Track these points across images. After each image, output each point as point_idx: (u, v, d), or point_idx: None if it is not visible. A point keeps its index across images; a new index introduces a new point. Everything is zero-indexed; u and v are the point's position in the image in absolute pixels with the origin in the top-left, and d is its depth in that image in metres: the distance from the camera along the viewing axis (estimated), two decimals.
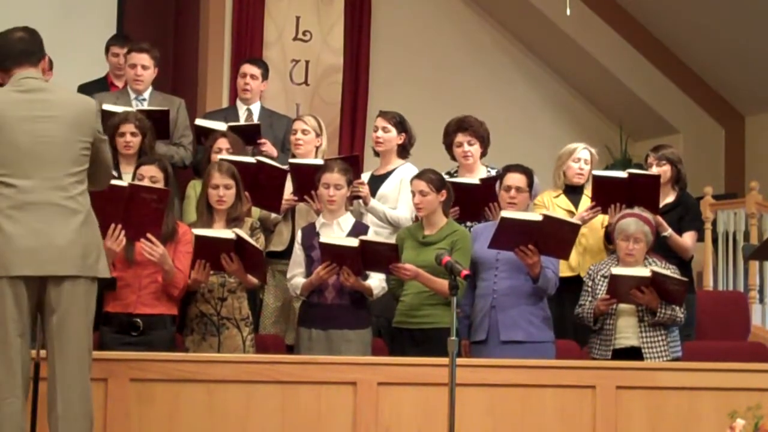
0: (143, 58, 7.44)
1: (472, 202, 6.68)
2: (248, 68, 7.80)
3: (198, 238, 5.88)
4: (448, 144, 7.05)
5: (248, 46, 9.74)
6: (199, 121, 7.42)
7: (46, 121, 4.63)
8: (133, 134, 6.55)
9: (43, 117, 4.63)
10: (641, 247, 6.30)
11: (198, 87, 9.80)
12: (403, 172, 6.89)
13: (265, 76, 7.83)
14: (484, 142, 7.02)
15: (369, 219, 6.86)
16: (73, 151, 4.66)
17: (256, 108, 7.76)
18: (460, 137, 6.98)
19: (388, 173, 7.03)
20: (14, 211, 4.53)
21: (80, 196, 4.67)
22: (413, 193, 6.38)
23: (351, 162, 6.79)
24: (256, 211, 6.71)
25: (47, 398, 4.62)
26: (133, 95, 7.42)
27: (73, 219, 4.62)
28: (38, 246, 4.53)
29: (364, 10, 10.31)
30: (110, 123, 6.56)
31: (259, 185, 6.55)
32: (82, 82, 8.02)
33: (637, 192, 6.67)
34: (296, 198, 6.80)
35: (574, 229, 6.19)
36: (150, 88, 7.50)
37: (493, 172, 6.90)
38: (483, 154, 7.06)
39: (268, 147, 7.28)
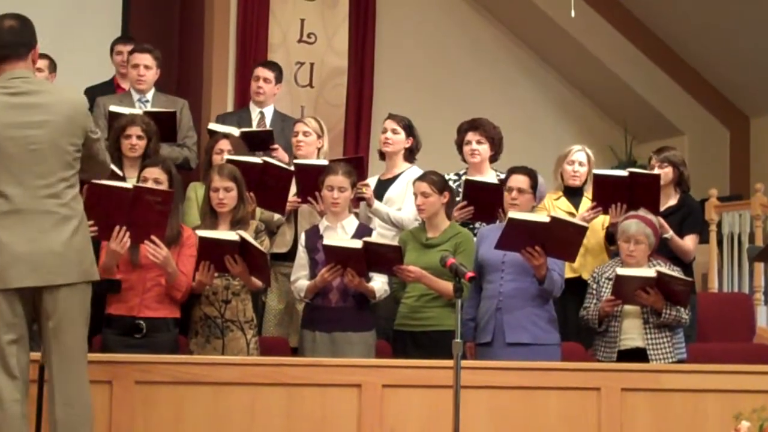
0: (145, 59, 7.45)
1: (488, 202, 6.66)
2: (261, 71, 7.82)
3: (202, 240, 5.87)
4: (459, 143, 7.06)
5: (253, 48, 9.75)
6: (212, 126, 7.41)
7: (35, 127, 4.51)
8: (139, 137, 6.55)
9: (33, 123, 4.51)
10: (642, 248, 6.30)
11: (203, 88, 9.81)
12: (410, 175, 6.88)
13: (278, 79, 7.85)
14: (495, 144, 7.02)
15: (374, 222, 6.86)
16: (64, 156, 4.56)
17: (269, 111, 7.77)
18: (470, 135, 7.00)
19: (395, 177, 7.04)
20: (7, 220, 4.45)
21: (73, 201, 4.59)
22: (415, 195, 6.39)
23: (355, 163, 6.80)
24: (258, 213, 6.71)
25: (47, 401, 4.60)
26: (136, 96, 7.43)
27: (67, 225, 4.54)
28: (35, 255, 4.47)
29: (368, 13, 10.30)
30: (117, 125, 6.58)
31: (265, 186, 6.55)
32: (87, 85, 8.02)
33: (638, 191, 6.66)
34: (299, 200, 6.80)
35: (581, 230, 6.18)
36: (153, 90, 7.51)
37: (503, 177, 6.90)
38: (493, 158, 7.06)
39: (280, 153, 7.27)
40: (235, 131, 7.09)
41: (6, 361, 4.48)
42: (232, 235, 5.89)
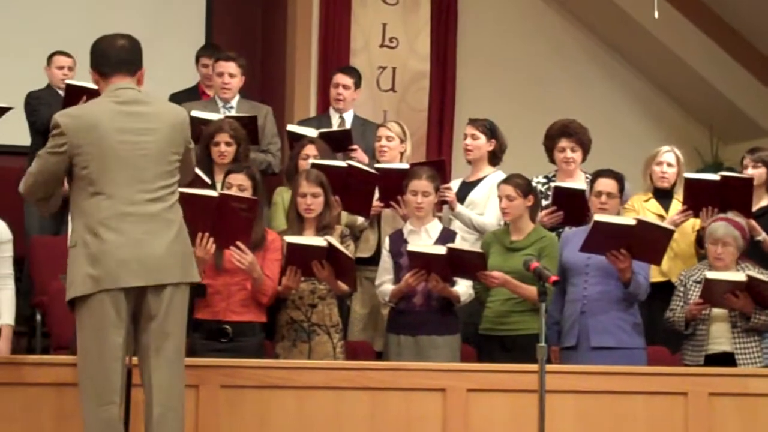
0: (230, 67, 7.51)
1: (576, 207, 6.60)
2: (340, 78, 7.83)
3: (290, 245, 5.91)
4: (550, 147, 7.00)
5: (335, 54, 9.78)
6: (290, 127, 7.48)
7: (144, 133, 4.67)
8: (227, 144, 6.62)
9: (142, 129, 4.67)
10: (730, 251, 6.23)
11: (286, 95, 9.87)
12: (494, 179, 6.84)
13: (357, 84, 7.86)
14: (586, 148, 6.96)
15: (456, 225, 6.85)
16: (167, 165, 4.72)
17: (348, 116, 7.79)
18: (563, 142, 6.92)
19: (479, 180, 7.01)
20: (115, 222, 4.58)
21: (174, 206, 4.74)
22: (500, 198, 6.36)
23: (437, 166, 6.79)
24: (344, 217, 6.73)
25: (144, 403, 4.68)
26: (221, 104, 7.49)
27: (171, 229, 4.68)
28: (141, 256, 4.59)
29: (450, 16, 10.28)
30: (205, 132, 6.64)
31: (350, 190, 6.55)
32: (173, 92, 8.11)
33: (730, 195, 6.57)
34: (383, 204, 6.81)
35: (668, 234, 6.12)
36: (237, 96, 7.57)
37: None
38: (583, 160, 7.00)
39: (359, 153, 7.29)
40: (314, 132, 7.13)
41: (107, 364, 4.57)
42: (319, 241, 5.92)
